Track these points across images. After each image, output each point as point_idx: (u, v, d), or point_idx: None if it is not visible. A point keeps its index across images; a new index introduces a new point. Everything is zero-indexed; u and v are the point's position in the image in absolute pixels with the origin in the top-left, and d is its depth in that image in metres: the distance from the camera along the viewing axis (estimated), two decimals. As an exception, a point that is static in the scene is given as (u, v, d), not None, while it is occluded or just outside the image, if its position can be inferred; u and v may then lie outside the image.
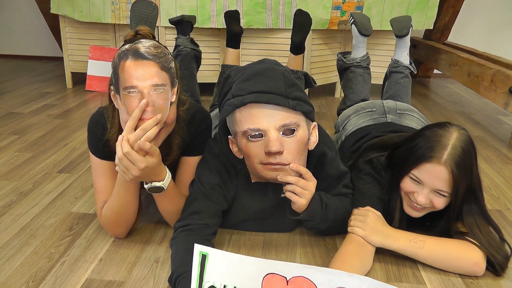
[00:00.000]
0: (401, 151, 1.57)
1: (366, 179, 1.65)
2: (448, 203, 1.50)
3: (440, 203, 1.49)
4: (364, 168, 1.67)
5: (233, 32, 2.84)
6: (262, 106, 1.37)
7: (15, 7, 5.17)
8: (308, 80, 2.66)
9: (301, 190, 1.41)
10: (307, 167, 1.53)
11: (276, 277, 1.07)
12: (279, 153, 1.37)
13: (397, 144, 1.62)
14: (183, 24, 2.89)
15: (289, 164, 1.39)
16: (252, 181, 1.60)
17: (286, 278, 1.07)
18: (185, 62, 2.54)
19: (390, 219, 1.59)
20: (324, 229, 1.60)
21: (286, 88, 1.39)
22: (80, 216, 1.82)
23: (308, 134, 1.47)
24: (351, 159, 1.76)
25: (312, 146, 1.52)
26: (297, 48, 2.81)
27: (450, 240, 1.53)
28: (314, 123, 1.52)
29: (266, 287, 1.07)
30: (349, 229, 1.55)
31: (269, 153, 1.37)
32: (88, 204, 1.92)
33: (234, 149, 1.52)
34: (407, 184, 1.52)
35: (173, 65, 1.45)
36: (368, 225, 1.50)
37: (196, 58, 2.67)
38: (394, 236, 1.52)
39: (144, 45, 1.39)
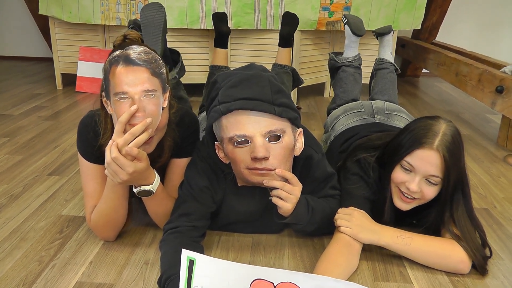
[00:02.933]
0: (392, 145, 1.60)
1: (353, 179, 1.67)
2: (437, 193, 1.52)
3: (430, 192, 1.51)
4: (351, 168, 1.69)
5: (221, 32, 2.89)
6: (248, 113, 1.39)
7: (4, 8, 5.15)
8: (296, 77, 2.71)
9: (287, 195, 1.43)
10: (293, 170, 1.55)
11: (263, 283, 1.09)
12: (265, 158, 1.39)
13: (388, 142, 1.65)
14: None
15: (274, 169, 1.41)
16: (239, 185, 1.62)
17: (273, 283, 1.09)
18: None
19: (379, 215, 1.61)
20: (312, 231, 1.62)
21: (272, 95, 1.41)
22: (70, 219, 1.83)
23: (294, 140, 1.49)
24: (340, 159, 1.78)
25: (298, 152, 1.54)
26: (285, 40, 2.93)
27: (437, 238, 1.55)
28: (300, 129, 1.54)
29: None
30: (336, 228, 1.57)
31: (255, 159, 1.39)
32: (78, 206, 1.93)
33: (220, 154, 1.54)
34: (398, 174, 1.54)
35: (164, 71, 1.47)
36: (354, 223, 1.52)
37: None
38: (382, 232, 1.54)
39: (135, 51, 1.41)
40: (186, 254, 1.10)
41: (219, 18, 2.94)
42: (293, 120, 1.46)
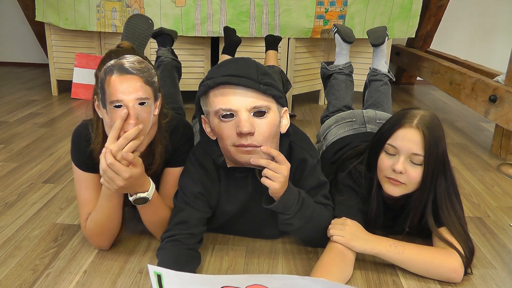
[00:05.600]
0: (375, 138, 1.64)
1: (345, 191, 1.69)
2: (421, 176, 1.55)
3: (415, 174, 1.53)
4: (343, 180, 1.71)
5: (232, 41, 3.10)
6: (234, 88, 1.42)
7: (0, 14, 5.16)
8: (284, 78, 2.79)
9: (273, 173, 1.42)
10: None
11: None
12: (250, 134, 1.41)
13: (372, 139, 1.69)
14: (162, 37, 2.95)
15: (260, 146, 1.43)
16: (228, 166, 1.60)
17: None
18: (167, 70, 2.58)
19: (368, 221, 1.64)
20: (302, 233, 1.62)
21: (258, 75, 1.44)
22: (65, 227, 1.83)
23: (279, 117, 1.51)
24: (331, 170, 1.80)
25: (284, 129, 1.55)
26: (271, 43, 3.22)
27: (430, 247, 1.57)
28: (285, 108, 1.56)
29: None
30: (329, 237, 1.57)
31: (240, 134, 1.41)
32: (73, 215, 1.93)
33: (207, 129, 1.56)
34: (383, 161, 1.58)
35: (156, 80, 1.49)
36: (347, 232, 1.53)
37: (177, 68, 2.71)
38: (375, 241, 1.55)
39: (128, 60, 1.43)
40: (152, 269, 1.10)
41: (230, 30, 3.19)
42: (277, 98, 1.49)
